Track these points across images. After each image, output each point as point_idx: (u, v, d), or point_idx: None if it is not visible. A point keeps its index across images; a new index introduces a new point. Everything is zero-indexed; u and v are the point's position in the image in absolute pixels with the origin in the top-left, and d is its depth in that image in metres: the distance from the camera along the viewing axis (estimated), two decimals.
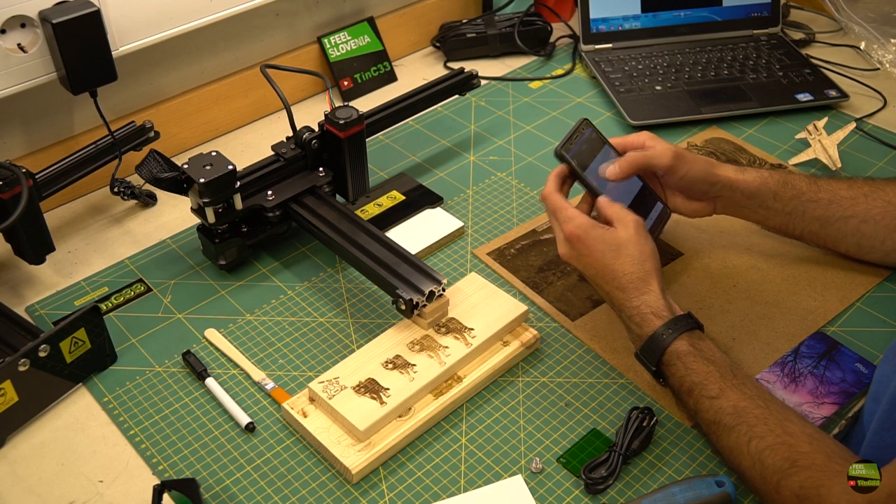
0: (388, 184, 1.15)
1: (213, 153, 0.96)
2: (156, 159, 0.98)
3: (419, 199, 1.12)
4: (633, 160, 0.93)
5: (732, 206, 0.97)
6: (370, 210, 1.09)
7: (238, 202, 0.97)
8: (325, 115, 1.02)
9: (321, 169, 1.04)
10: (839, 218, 0.96)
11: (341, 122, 1.00)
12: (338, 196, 1.08)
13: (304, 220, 1.00)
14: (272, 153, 1.04)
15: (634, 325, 0.86)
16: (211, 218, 0.96)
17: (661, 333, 0.83)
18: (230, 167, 0.94)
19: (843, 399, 0.86)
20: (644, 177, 0.98)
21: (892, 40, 1.37)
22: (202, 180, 0.93)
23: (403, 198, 1.12)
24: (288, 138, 1.04)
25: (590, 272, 0.90)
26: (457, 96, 1.21)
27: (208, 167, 0.94)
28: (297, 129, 1.03)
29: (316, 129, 1.04)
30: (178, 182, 0.96)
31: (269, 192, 1.01)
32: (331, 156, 1.05)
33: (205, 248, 1.03)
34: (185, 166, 0.94)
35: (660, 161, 0.94)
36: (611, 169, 0.93)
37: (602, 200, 0.91)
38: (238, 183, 0.97)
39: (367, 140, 1.05)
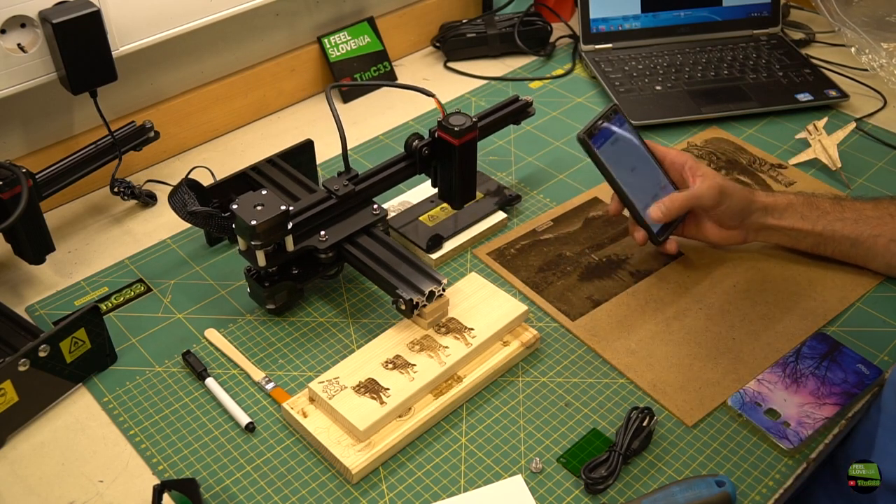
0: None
1: (264, 192, 0.90)
2: (188, 192, 0.94)
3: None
4: (680, 203, 0.95)
5: (765, 230, 0.99)
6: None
7: (289, 243, 0.91)
8: (438, 122, 0.99)
9: (375, 206, 0.98)
10: (868, 236, 0.96)
11: (456, 128, 0.97)
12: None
13: (358, 262, 0.94)
14: (323, 189, 0.96)
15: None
16: (262, 261, 0.90)
17: None
18: (283, 207, 0.88)
19: (844, 400, 0.86)
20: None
21: (884, 44, 1.36)
22: (254, 222, 0.86)
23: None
24: (340, 174, 0.99)
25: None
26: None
27: (259, 207, 0.87)
28: (408, 140, 1.01)
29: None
30: (217, 218, 0.93)
31: (322, 233, 0.94)
32: (441, 163, 1.02)
33: (252, 290, 0.97)
34: (235, 207, 0.88)
35: (706, 202, 0.95)
36: (655, 211, 0.96)
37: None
38: (291, 224, 0.90)
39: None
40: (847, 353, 0.90)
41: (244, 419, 0.85)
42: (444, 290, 0.90)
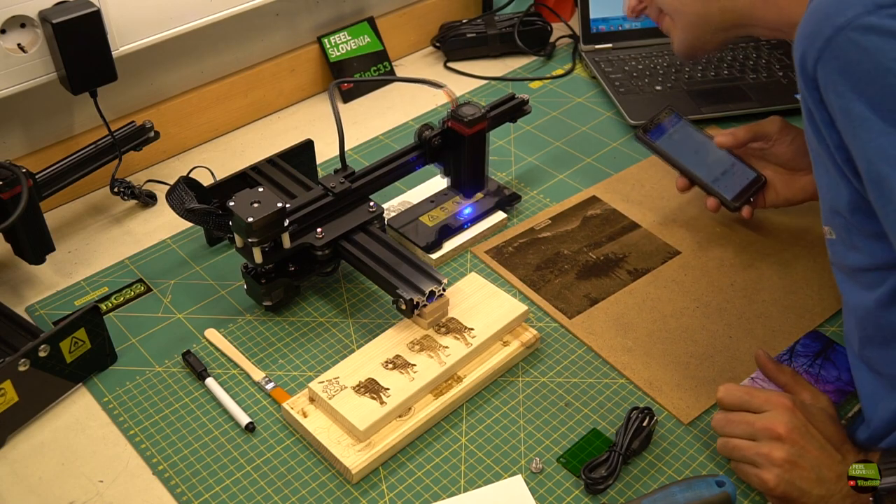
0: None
1: (260, 189, 0.90)
2: (186, 190, 0.94)
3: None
4: (745, 130, 1.02)
5: None
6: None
7: (286, 240, 0.91)
8: (449, 112, 1.01)
9: (372, 203, 0.98)
10: None
11: (467, 119, 1.00)
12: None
13: (355, 259, 0.95)
14: (320, 187, 0.97)
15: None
16: (258, 258, 0.90)
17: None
18: (279, 205, 0.88)
19: (838, 397, 0.86)
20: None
21: None
22: (250, 219, 0.86)
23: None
24: (336, 171, 1.00)
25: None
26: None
27: (256, 204, 0.87)
28: (420, 131, 1.02)
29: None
30: (214, 216, 0.93)
31: (319, 230, 0.94)
32: (451, 153, 1.04)
33: (249, 287, 0.97)
34: (232, 204, 0.88)
35: (769, 127, 1.01)
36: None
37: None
38: (287, 221, 0.90)
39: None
40: (840, 350, 0.91)
41: (244, 419, 0.85)
42: (444, 289, 0.90)
